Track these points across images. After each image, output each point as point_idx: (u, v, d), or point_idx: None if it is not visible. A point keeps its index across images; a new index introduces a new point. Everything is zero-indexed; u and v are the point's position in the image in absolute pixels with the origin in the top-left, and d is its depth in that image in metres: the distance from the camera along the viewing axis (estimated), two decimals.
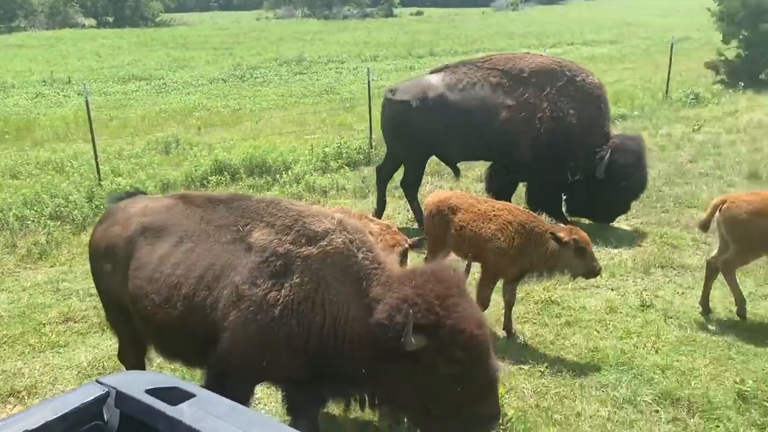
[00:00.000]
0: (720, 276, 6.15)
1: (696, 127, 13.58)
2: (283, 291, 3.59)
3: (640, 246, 7.88)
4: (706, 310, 6.22)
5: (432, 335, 3.27)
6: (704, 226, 6.23)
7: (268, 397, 5.01)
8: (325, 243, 3.65)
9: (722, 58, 18.95)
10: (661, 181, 10.16)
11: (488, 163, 9.18)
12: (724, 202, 6.00)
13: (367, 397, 3.75)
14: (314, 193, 10.21)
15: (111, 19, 58.10)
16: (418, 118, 8.36)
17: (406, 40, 35.86)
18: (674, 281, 7.00)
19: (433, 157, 9.18)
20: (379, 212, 8.81)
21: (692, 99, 16.19)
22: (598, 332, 5.96)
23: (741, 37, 18.66)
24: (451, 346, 3.27)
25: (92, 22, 58.99)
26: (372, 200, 9.99)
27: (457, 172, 9.26)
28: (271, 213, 3.88)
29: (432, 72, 8.94)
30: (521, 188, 9.11)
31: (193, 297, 3.79)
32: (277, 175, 10.70)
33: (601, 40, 33.57)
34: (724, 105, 16.12)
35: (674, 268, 7.29)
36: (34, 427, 1.69)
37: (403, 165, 9.11)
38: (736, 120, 14.39)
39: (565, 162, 8.20)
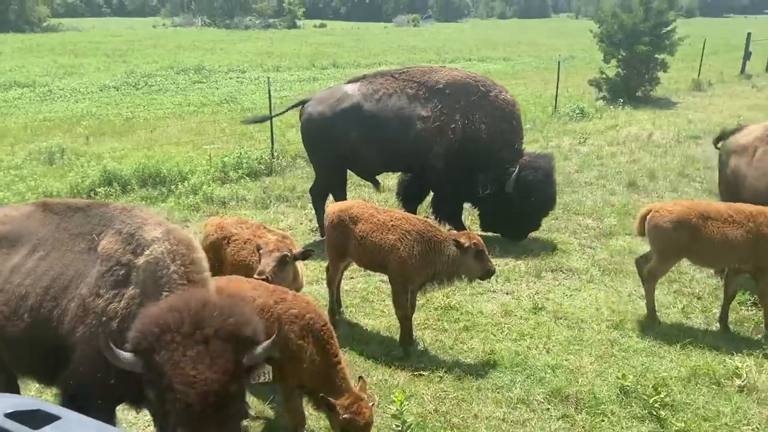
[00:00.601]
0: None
1: (581, 140, 14.50)
2: (122, 303, 3.43)
3: (532, 251, 8.26)
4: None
5: (146, 365, 2.92)
6: (640, 233, 6.54)
7: None
8: (148, 252, 3.49)
9: (604, 76, 20.38)
10: None
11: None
12: (649, 211, 6.30)
13: None
14: (212, 204, 9.90)
15: None
16: (333, 128, 8.34)
17: (309, 51, 35.88)
18: (563, 284, 7.39)
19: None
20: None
21: (578, 113, 17.28)
22: (494, 335, 6.17)
23: (620, 57, 20.16)
24: (152, 385, 2.91)
25: None
26: (273, 210, 9.86)
27: (376, 184, 9.26)
28: (121, 220, 3.71)
29: (349, 81, 8.94)
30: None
31: (39, 309, 3.57)
32: (173, 186, 10.29)
33: (495, 56, 35.19)
34: (605, 119, 17.33)
35: (563, 272, 7.71)
36: None
37: (314, 172, 9.15)
38: (616, 133, 15.51)
39: (475, 174, 8.36)
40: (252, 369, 3.06)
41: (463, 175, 8.37)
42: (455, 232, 6.25)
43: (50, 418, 1.66)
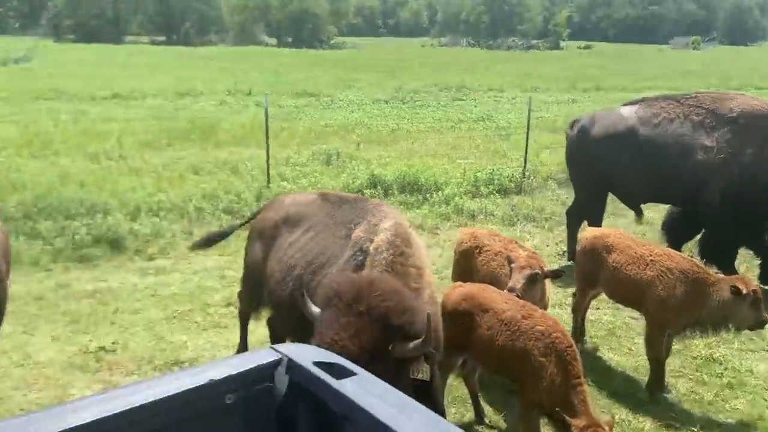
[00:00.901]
0: None
1: None
2: None
3: None
4: None
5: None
6: None
7: None
8: (376, 239, 3.86)
9: None
10: None
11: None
12: None
13: None
14: (462, 216, 10.26)
15: (290, 40, 63.42)
16: (602, 150, 8.07)
17: (570, 73, 35.09)
18: None
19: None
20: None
21: None
22: (766, 400, 5.35)
23: None
24: (312, 338, 3.27)
25: (274, 41, 64.66)
26: (520, 229, 9.86)
27: (639, 214, 8.71)
28: (373, 213, 4.20)
29: (625, 104, 8.58)
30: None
31: (301, 279, 4.12)
32: (428, 195, 10.91)
33: None
34: None
35: None
36: (219, 378, 1.91)
37: (574, 194, 8.98)
38: None
39: (760, 220, 7.37)
40: (405, 362, 3.06)
41: (744, 218, 7.34)
42: (724, 276, 5.58)
43: (349, 373, 1.92)
